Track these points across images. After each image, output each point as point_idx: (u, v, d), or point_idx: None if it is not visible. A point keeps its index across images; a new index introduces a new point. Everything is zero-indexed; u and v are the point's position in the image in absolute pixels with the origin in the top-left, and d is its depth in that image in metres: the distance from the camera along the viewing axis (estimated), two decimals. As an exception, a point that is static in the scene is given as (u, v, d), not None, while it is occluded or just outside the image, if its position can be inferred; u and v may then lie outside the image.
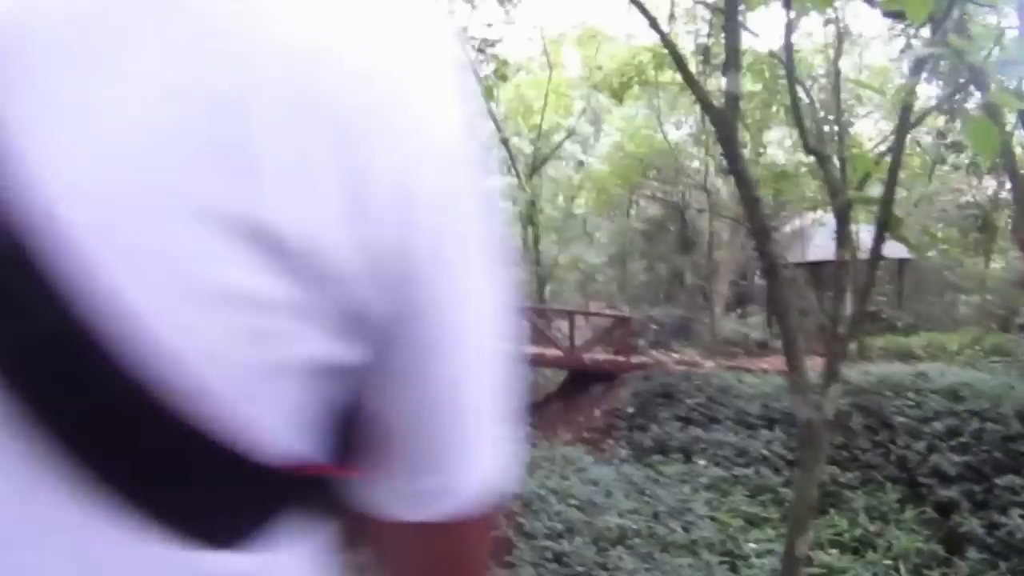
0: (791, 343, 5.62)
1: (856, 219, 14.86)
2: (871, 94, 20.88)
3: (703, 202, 24.39)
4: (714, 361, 18.61)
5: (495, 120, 25.06)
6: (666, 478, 13.04)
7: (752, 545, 9.67)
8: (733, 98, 5.40)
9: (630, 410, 16.92)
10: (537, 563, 9.45)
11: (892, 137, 7.74)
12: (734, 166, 5.64)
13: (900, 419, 12.88)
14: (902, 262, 23.64)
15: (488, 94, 17.93)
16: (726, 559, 9.40)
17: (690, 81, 6.04)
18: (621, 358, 20.08)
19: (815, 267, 21.94)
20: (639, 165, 26.09)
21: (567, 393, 20.85)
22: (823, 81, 20.71)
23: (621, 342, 20.75)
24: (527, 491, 11.64)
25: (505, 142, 25.38)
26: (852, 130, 22.11)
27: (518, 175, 26.42)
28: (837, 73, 16.73)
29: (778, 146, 25.18)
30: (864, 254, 5.74)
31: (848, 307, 6.09)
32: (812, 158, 9.62)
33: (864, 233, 6.93)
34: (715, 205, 23.42)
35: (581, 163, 30.10)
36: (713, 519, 10.90)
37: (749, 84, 19.99)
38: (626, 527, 10.26)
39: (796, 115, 6.15)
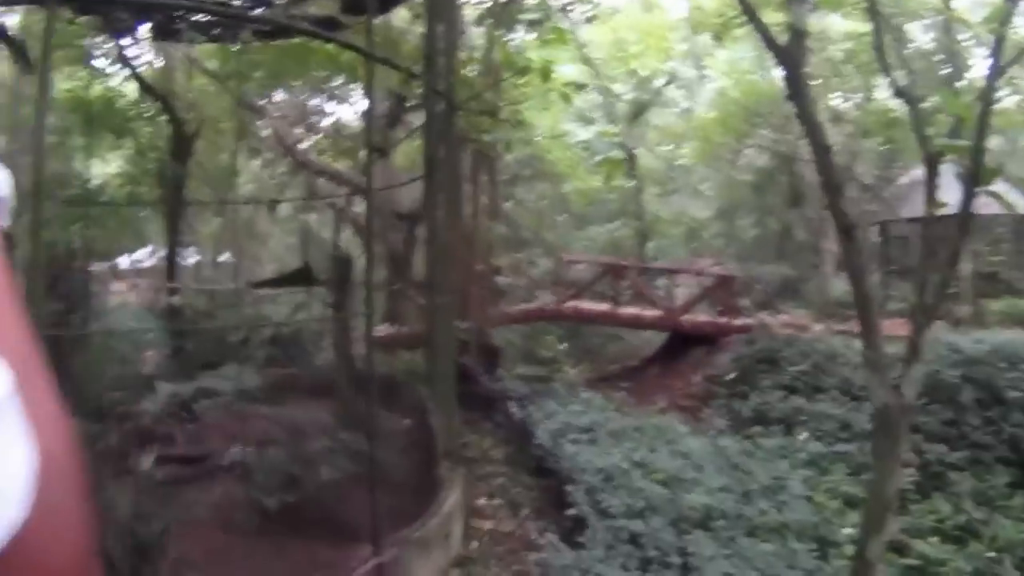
0: (866, 314, 5.15)
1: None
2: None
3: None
4: (823, 324, 17.93)
5: (591, 64, 24.63)
6: (763, 452, 12.61)
7: (847, 531, 9.15)
8: (798, 34, 4.92)
9: (730, 376, 16.50)
10: (610, 544, 9.14)
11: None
12: (801, 109, 5.16)
13: (1014, 393, 12.10)
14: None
15: (560, 37, 17.50)
16: (816, 546, 8.92)
17: (750, 14, 5.54)
18: (724, 320, 19.60)
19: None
20: (745, 112, 25.29)
21: (666, 357, 20.54)
22: (933, 20, 19.70)
23: (725, 302, 20.22)
24: (609, 464, 11.36)
25: (602, 88, 24.93)
26: (969, 74, 20.96)
27: (616, 123, 25.96)
28: (948, 12, 15.83)
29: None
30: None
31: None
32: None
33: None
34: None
35: (686, 110, 29.45)
36: (809, 499, 10.42)
37: (855, 24, 19.09)
38: (712, 507, 9.87)
39: (879, 53, 5.60)
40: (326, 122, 23.68)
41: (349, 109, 23.26)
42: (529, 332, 22.07)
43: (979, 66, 23.85)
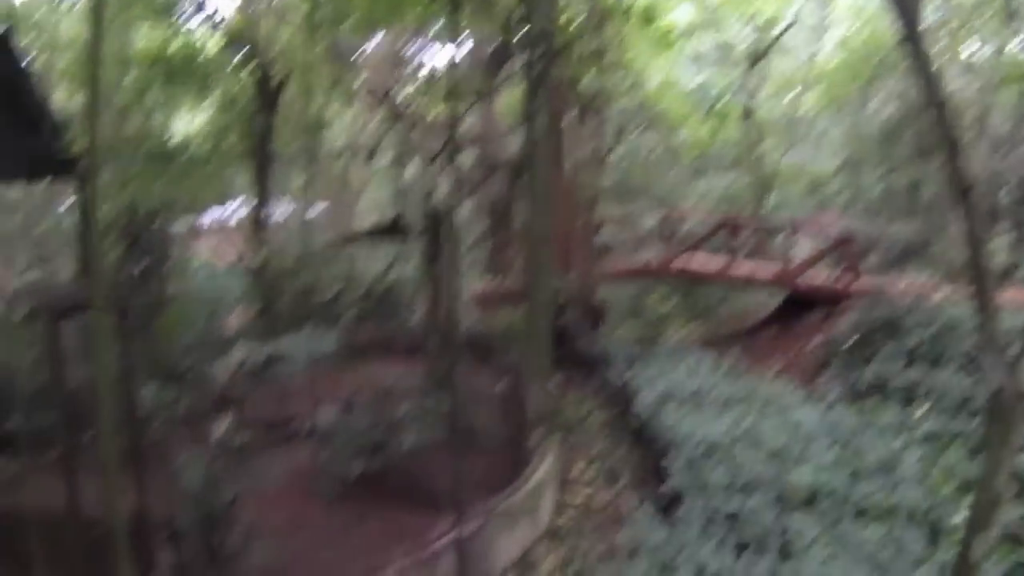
0: (982, 285, 4.81)
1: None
2: None
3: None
4: (949, 290, 17.25)
5: (706, 8, 24.09)
6: (878, 426, 12.16)
7: (961, 516, 8.71)
8: (909, -26, 4.57)
9: (848, 342, 15.95)
10: (706, 523, 8.96)
11: None
12: (915, 57, 4.81)
13: None
14: None
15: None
16: (926, 532, 8.53)
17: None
18: (844, 281, 19.02)
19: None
20: (872, 60, 24.41)
21: (782, 319, 20.11)
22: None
23: (846, 262, 19.63)
24: (713, 434, 11.11)
25: (718, 33, 24.41)
26: None
27: (733, 70, 25.41)
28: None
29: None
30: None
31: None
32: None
33: None
34: (956, 107, 21.54)
35: (808, 57, 28.61)
36: (923, 481, 9.99)
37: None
38: (818, 485, 9.57)
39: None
40: (423, 69, 23.51)
41: (447, 56, 23.02)
42: (637, 290, 21.78)
43: None
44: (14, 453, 9.37)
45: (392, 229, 16.46)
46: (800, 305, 19.39)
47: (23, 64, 12.23)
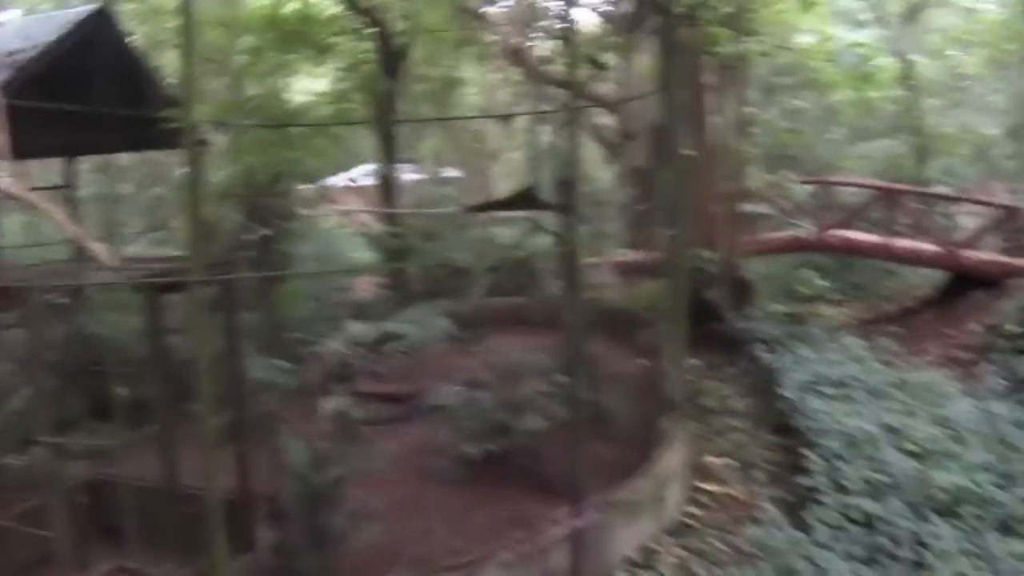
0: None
1: None
2: None
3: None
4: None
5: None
6: (1039, 424, 11.73)
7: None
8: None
9: (1013, 328, 15.41)
10: (838, 525, 8.83)
11: None
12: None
13: None
14: None
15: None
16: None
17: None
18: (1013, 260, 18.29)
19: None
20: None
21: (944, 299, 19.50)
22: None
23: (1015, 238, 18.91)
24: (857, 427, 10.93)
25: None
26: None
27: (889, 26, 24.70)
28: None
29: None
30: None
31: None
32: None
33: None
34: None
35: (971, 10, 27.60)
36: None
37: None
38: (964, 489, 9.26)
39: None
40: (558, 27, 23.26)
41: (583, 14, 22.72)
42: (787, 265, 21.43)
43: None
44: (117, 424, 9.73)
45: (526, 197, 16.48)
46: (963, 284, 18.78)
47: (125, 34, 12.73)
